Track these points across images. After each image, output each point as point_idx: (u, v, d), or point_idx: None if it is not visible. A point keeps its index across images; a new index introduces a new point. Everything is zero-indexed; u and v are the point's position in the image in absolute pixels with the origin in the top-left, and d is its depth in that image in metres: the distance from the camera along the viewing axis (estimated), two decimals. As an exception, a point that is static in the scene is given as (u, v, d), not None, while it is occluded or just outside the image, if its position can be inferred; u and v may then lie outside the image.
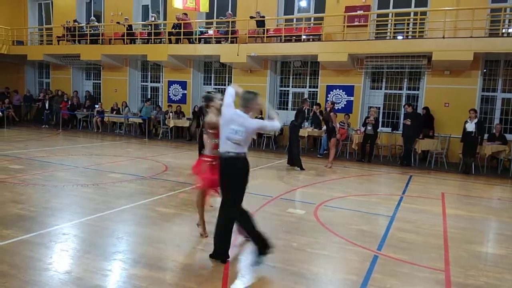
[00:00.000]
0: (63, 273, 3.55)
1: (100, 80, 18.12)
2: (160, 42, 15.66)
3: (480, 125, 10.25)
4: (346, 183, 8.45)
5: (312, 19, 14.06)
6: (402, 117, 12.20)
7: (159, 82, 17.13)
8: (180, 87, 16.19)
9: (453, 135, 11.31)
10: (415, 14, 12.25)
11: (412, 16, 12.46)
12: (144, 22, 16.66)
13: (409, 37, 12.61)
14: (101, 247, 4.20)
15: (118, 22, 16.05)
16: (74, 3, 18.27)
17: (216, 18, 15.09)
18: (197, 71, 16.12)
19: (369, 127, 11.39)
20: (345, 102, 13.43)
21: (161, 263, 3.87)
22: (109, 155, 10.55)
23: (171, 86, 16.38)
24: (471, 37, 10.79)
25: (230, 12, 14.39)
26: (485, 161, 10.86)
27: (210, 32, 15.17)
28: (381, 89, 13.39)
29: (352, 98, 13.32)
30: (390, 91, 13.25)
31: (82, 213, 5.32)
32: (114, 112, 16.40)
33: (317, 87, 14.00)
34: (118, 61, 16.90)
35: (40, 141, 12.77)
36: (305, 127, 12.52)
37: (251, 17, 13.68)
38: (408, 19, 12.54)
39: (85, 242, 4.33)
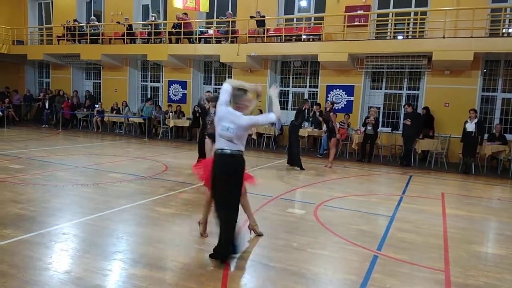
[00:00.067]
0: (63, 273, 3.54)
1: (100, 80, 18.12)
2: (160, 42, 15.66)
3: (480, 125, 10.25)
4: (346, 183, 8.44)
5: (312, 19, 14.06)
6: (402, 117, 12.19)
7: (159, 82, 17.13)
8: (180, 87, 16.19)
9: (453, 135, 11.31)
10: (415, 14, 12.25)
11: (412, 16, 12.46)
12: (144, 22, 16.66)
13: (409, 37, 12.61)
14: (101, 247, 4.20)
15: (118, 22, 16.04)
16: (74, 3, 18.27)
17: (216, 18, 15.08)
18: (197, 71, 16.12)
19: (369, 127, 11.39)
20: (345, 102, 13.42)
21: (161, 263, 3.87)
22: (109, 155, 10.55)
23: (171, 86, 16.37)
24: (471, 37, 10.79)
25: (230, 12, 14.38)
26: (485, 161, 10.86)
27: (210, 32, 15.16)
28: (381, 89, 13.39)
29: (352, 98, 13.32)
30: (390, 91, 13.25)
31: (82, 213, 5.32)
32: (114, 112, 16.40)
33: (317, 87, 14.00)
34: (118, 61, 16.90)
35: (40, 141, 12.77)
36: (305, 127, 12.52)
37: (251, 17, 13.68)
38: (408, 19, 12.54)
39: (85, 242, 4.33)
